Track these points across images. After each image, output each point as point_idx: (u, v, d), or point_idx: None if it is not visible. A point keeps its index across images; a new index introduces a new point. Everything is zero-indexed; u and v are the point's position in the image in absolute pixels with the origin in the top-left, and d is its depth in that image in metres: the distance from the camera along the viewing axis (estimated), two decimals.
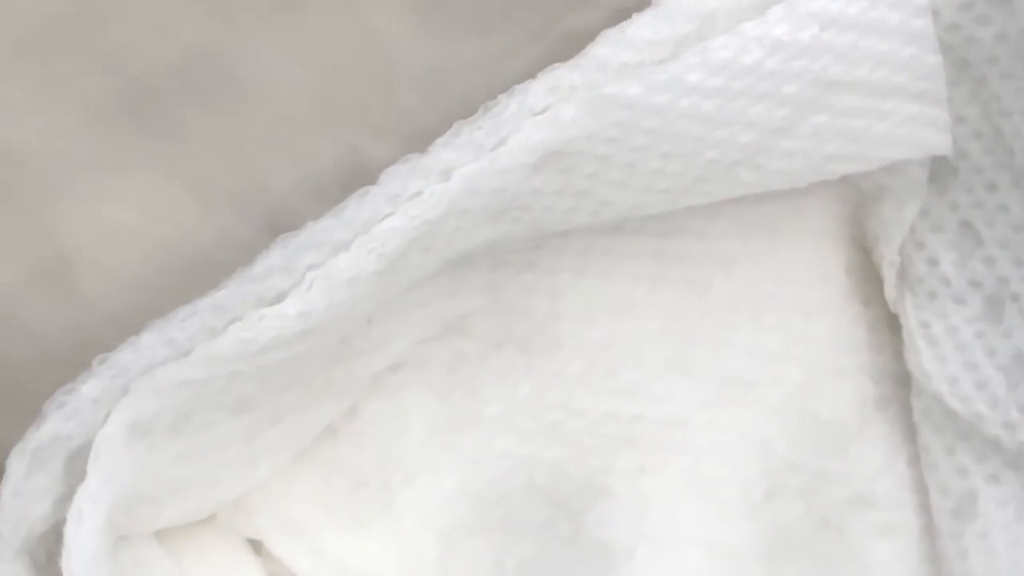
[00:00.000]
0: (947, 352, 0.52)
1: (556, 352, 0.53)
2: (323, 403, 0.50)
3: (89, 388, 0.43)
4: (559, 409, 0.53)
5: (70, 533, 0.42)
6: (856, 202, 0.55)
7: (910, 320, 0.53)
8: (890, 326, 0.55)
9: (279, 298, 0.44)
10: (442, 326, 0.53)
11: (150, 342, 0.44)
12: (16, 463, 0.43)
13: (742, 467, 0.54)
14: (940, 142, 0.50)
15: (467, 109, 0.46)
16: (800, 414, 0.54)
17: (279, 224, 0.45)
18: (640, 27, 0.45)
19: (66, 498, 0.43)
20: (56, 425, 0.43)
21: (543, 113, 0.45)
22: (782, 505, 0.53)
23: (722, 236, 0.54)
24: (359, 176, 0.46)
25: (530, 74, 0.46)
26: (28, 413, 0.44)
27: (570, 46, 0.46)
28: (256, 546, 0.51)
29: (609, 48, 0.45)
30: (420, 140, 0.46)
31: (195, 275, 0.45)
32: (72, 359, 0.44)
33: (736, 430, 0.54)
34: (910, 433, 0.54)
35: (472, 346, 0.53)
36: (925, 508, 0.54)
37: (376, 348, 0.50)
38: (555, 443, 0.53)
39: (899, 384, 0.55)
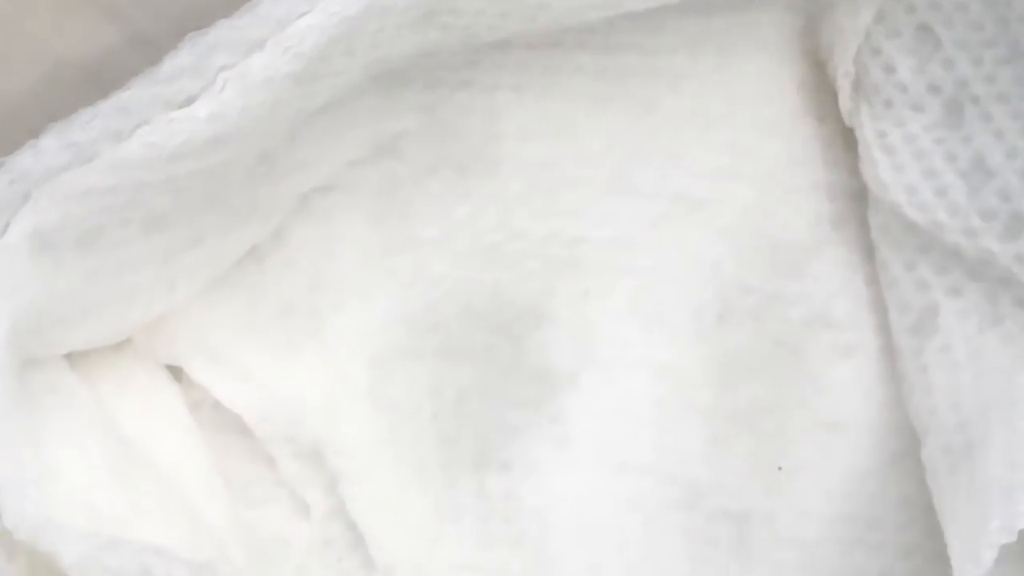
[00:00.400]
0: (905, 160, 0.49)
1: (495, 173, 0.51)
2: (247, 225, 0.48)
3: None
4: (498, 231, 0.51)
5: None
6: (809, 13, 0.52)
7: (866, 131, 0.50)
8: (845, 142, 0.52)
9: (189, 101, 0.41)
10: (373, 148, 0.50)
11: (50, 146, 0.41)
12: None
13: (691, 289, 0.51)
14: None
15: None
16: (752, 234, 0.52)
17: (188, 24, 0.42)
18: None
19: None
20: None
21: None
22: (734, 327, 0.51)
23: (669, 51, 0.51)
24: None
25: None
26: None
27: None
28: (176, 373, 0.49)
29: None
30: None
31: (100, 79, 0.42)
32: None
33: (684, 251, 0.51)
34: (868, 252, 0.52)
35: (406, 168, 0.51)
36: (884, 328, 0.51)
37: (302, 168, 0.48)
38: (494, 266, 0.51)
39: (856, 202, 0.52)
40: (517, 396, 0.50)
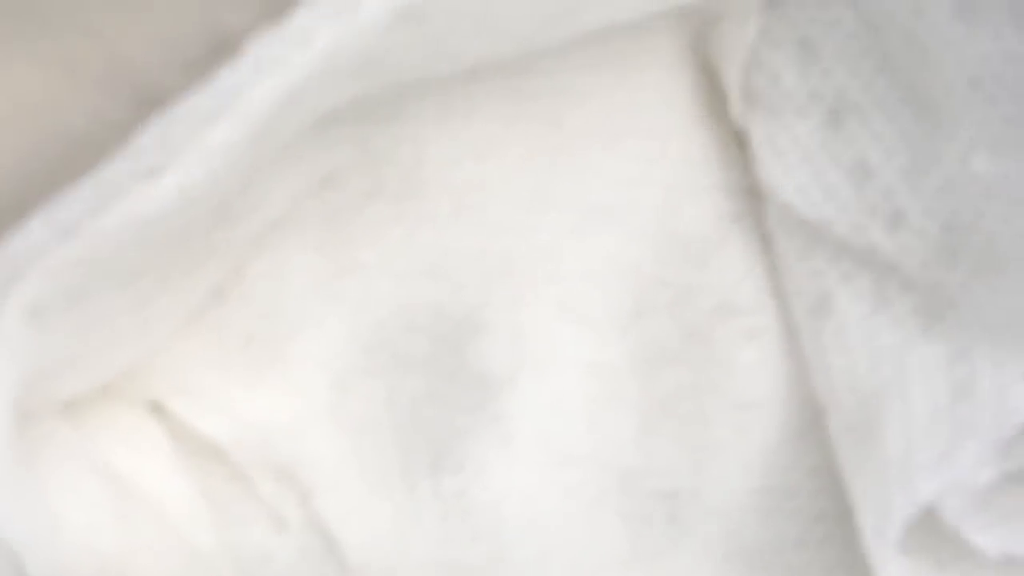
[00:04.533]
0: (793, 162, 0.54)
1: (425, 197, 0.55)
2: (208, 265, 0.51)
3: None
4: (432, 250, 0.55)
5: None
6: (699, 29, 0.57)
7: (756, 135, 0.55)
8: (739, 143, 0.57)
9: (158, 173, 0.45)
10: (315, 181, 0.54)
11: (36, 227, 0.45)
12: None
13: (612, 289, 0.56)
14: None
15: None
16: (663, 234, 0.56)
17: (150, 100, 0.46)
18: None
19: None
20: None
21: None
22: (651, 321, 0.56)
23: (573, 71, 0.56)
24: (226, 46, 0.47)
25: None
26: None
27: None
28: (157, 408, 0.54)
29: None
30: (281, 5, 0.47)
31: (74, 160, 0.46)
32: None
33: (604, 254, 0.56)
34: (766, 242, 0.57)
35: (344, 197, 0.55)
36: (786, 312, 0.57)
37: (254, 209, 0.52)
38: (432, 283, 0.55)
39: (752, 197, 0.57)
40: (463, 401, 0.55)
